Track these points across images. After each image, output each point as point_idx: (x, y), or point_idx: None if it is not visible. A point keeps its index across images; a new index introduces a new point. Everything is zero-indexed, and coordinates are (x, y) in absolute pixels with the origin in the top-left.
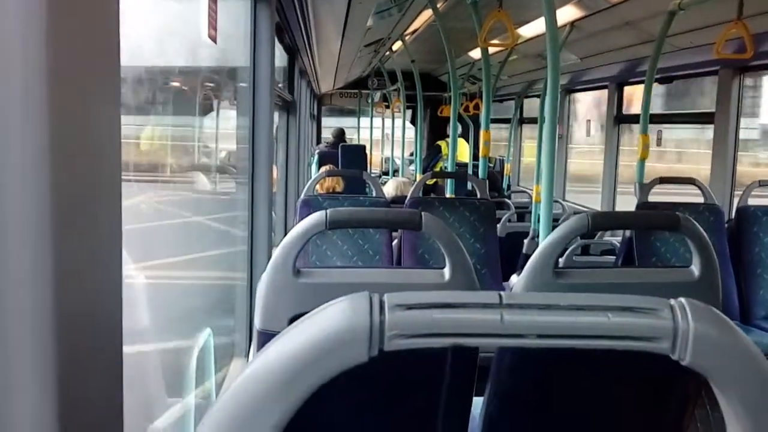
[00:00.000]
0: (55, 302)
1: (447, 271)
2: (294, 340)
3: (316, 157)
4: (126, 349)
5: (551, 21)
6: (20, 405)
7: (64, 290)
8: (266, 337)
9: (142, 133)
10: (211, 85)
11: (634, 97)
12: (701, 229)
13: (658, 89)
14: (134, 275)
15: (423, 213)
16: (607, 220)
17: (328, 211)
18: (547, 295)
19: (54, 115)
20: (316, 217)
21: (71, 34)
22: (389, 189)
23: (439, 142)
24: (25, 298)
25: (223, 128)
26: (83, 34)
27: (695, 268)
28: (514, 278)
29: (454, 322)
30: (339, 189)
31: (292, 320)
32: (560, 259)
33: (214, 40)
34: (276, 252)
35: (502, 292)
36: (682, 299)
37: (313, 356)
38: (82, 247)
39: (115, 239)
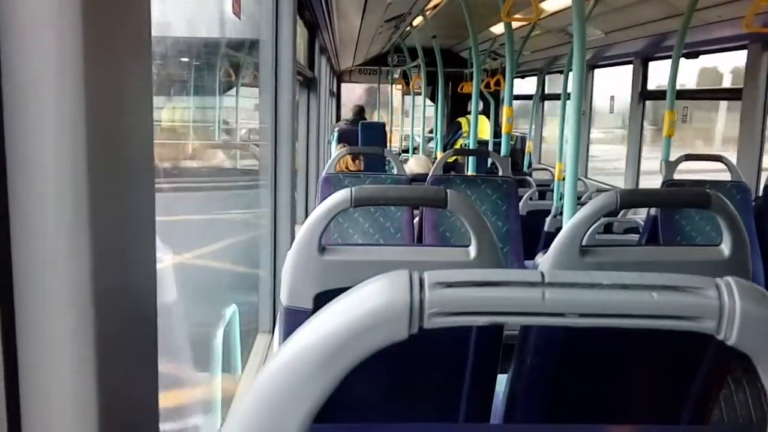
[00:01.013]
0: (92, 284)
1: (473, 249)
2: (333, 318)
3: (336, 134)
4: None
5: None
6: (61, 383)
7: (101, 273)
8: (292, 313)
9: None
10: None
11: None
12: (732, 207)
13: None
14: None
15: (448, 191)
16: (637, 197)
17: (353, 188)
18: (589, 274)
19: (89, 103)
20: (342, 194)
21: (104, 30)
22: (410, 166)
23: (459, 119)
24: (63, 280)
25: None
26: (116, 31)
27: (725, 247)
28: (538, 258)
29: (495, 300)
30: (353, 168)
31: (317, 297)
32: (583, 237)
33: (238, 15)
34: (301, 229)
35: (544, 270)
36: (729, 278)
37: (354, 333)
38: (118, 232)
39: (148, 225)
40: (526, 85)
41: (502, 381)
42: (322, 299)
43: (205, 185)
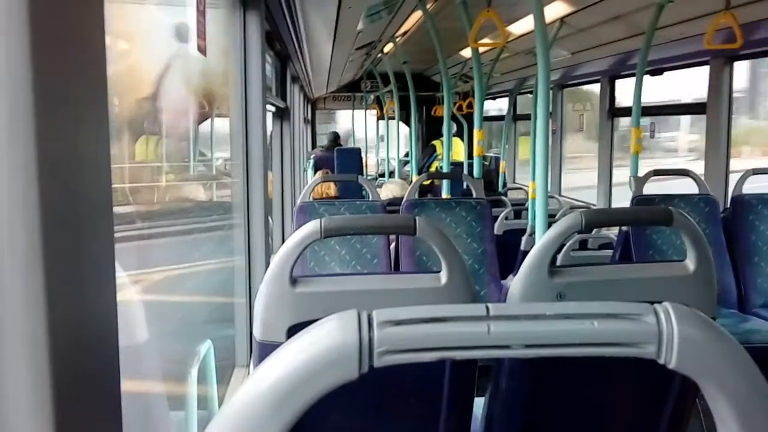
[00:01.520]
0: (49, 316)
1: (443, 275)
2: (286, 359)
3: (312, 161)
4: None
5: (540, 18)
6: (17, 419)
7: (58, 304)
8: (265, 347)
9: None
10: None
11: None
12: (694, 223)
13: None
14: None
15: (417, 218)
16: (601, 217)
17: (322, 220)
18: (533, 305)
19: (41, 126)
20: (311, 226)
21: (56, 41)
22: (387, 190)
23: (434, 142)
24: (17, 312)
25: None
26: (69, 42)
27: (690, 262)
28: (509, 279)
29: (441, 336)
30: (331, 193)
31: (290, 330)
32: (559, 255)
33: (203, 52)
34: (272, 263)
35: (490, 304)
36: (667, 303)
37: (304, 375)
38: (74, 259)
39: (107, 250)
40: (502, 105)
41: (479, 403)
42: (296, 332)
43: (182, 227)
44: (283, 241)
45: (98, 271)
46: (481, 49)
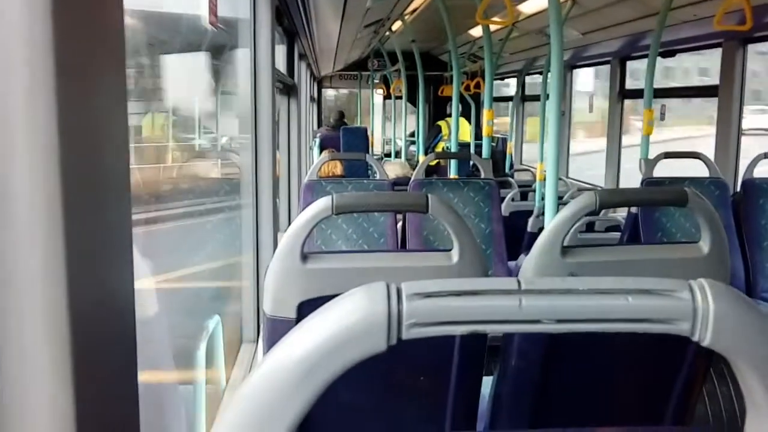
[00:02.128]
0: (68, 299)
1: (455, 253)
2: (312, 332)
3: (317, 140)
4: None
5: None
6: (37, 404)
7: (76, 286)
8: (275, 323)
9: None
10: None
11: None
12: (709, 204)
13: None
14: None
15: (429, 195)
16: (615, 197)
17: (334, 196)
18: (565, 280)
19: (61, 111)
20: (323, 202)
21: (76, 27)
22: (390, 171)
23: (438, 122)
24: (36, 296)
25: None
26: (88, 28)
27: (704, 244)
28: (521, 258)
29: (472, 309)
30: (338, 172)
31: (300, 306)
32: (565, 237)
33: (215, 26)
34: (283, 238)
35: (521, 278)
36: (702, 280)
37: (332, 347)
38: (93, 243)
39: (125, 234)
40: (507, 87)
41: (487, 383)
42: (306, 308)
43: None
44: (290, 219)
45: (116, 247)
46: (491, 29)
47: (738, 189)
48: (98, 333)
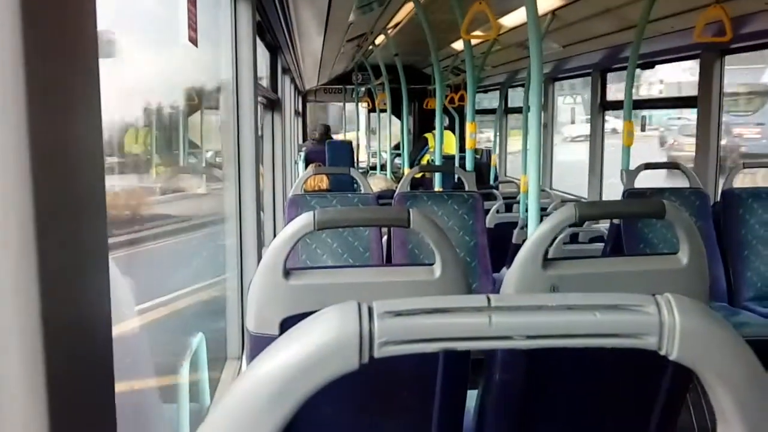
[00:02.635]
0: (41, 318)
1: (437, 268)
2: (284, 351)
3: (303, 155)
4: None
5: (533, 10)
6: (12, 417)
7: (49, 305)
8: (258, 340)
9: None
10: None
11: None
12: (687, 215)
13: None
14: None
15: (411, 210)
16: (594, 209)
17: (315, 212)
18: (534, 296)
19: (33, 127)
20: (304, 218)
21: (48, 30)
22: (374, 186)
23: (426, 135)
24: (8, 316)
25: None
26: (60, 41)
27: (683, 255)
28: (504, 270)
29: (442, 327)
30: (324, 186)
31: (283, 323)
32: (550, 248)
33: (194, 42)
34: (265, 255)
35: (491, 295)
36: (668, 294)
37: (304, 366)
38: (67, 261)
39: (101, 251)
40: (492, 101)
41: (472, 397)
42: (289, 324)
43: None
44: (275, 234)
45: (91, 263)
46: (473, 42)
47: (718, 199)
48: (73, 353)
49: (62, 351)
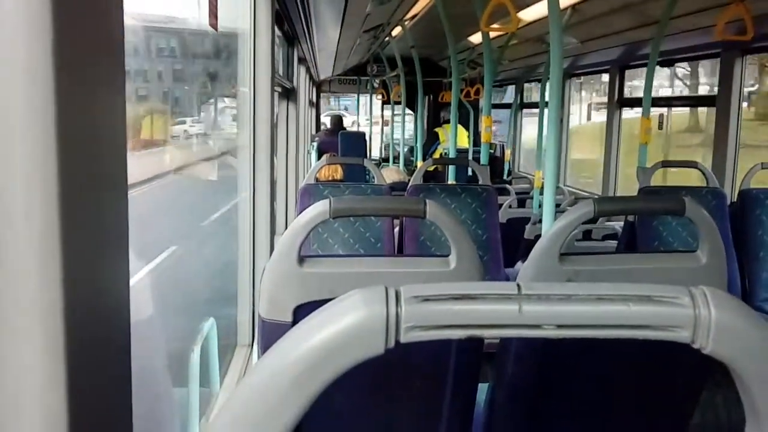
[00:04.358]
0: (63, 299)
1: (452, 259)
2: (310, 333)
3: (315, 145)
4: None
5: (554, 4)
6: (30, 403)
7: (71, 285)
8: (272, 326)
9: None
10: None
11: None
12: (707, 214)
13: None
14: None
15: (427, 201)
16: (613, 205)
17: (331, 200)
18: (565, 285)
19: (59, 109)
20: (320, 206)
21: (75, 25)
22: (387, 177)
23: (436, 129)
24: (31, 294)
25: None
26: (87, 26)
27: (702, 254)
28: (518, 265)
29: (472, 313)
30: (338, 177)
31: (297, 309)
32: (563, 245)
33: (215, 27)
34: (280, 241)
35: (521, 282)
36: (703, 287)
37: (330, 349)
38: (89, 244)
39: (121, 234)
40: (507, 94)
41: (483, 390)
42: (302, 312)
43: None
44: (287, 223)
45: (112, 247)
46: (491, 35)
47: (735, 199)
48: (93, 334)
49: (81, 334)
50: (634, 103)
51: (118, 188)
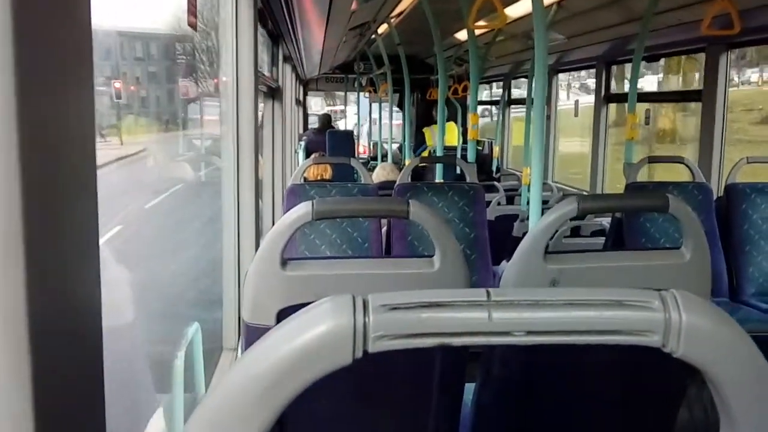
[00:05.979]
0: (27, 304)
1: (437, 260)
2: (277, 344)
3: (303, 144)
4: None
5: (538, 0)
6: None
7: (37, 291)
8: (254, 330)
9: None
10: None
11: None
12: (691, 210)
13: None
14: None
15: (410, 201)
16: (597, 203)
17: (314, 201)
18: (535, 291)
19: (22, 107)
20: (302, 208)
21: (39, 21)
22: (377, 174)
23: (424, 130)
24: None
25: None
26: (52, 29)
27: (686, 250)
28: (504, 263)
29: (440, 321)
30: (327, 176)
31: (280, 313)
32: (549, 242)
33: (194, 27)
34: (262, 244)
35: (490, 289)
36: (673, 290)
37: (296, 360)
38: (56, 245)
39: (91, 236)
40: (495, 90)
41: (470, 390)
42: (286, 315)
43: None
44: (274, 224)
45: (81, 250)
46: (477, 32)
47: (721, 193)
48: (60, 342)
49: (50, 345)
50: (621, 98)
51: (88, 188)
